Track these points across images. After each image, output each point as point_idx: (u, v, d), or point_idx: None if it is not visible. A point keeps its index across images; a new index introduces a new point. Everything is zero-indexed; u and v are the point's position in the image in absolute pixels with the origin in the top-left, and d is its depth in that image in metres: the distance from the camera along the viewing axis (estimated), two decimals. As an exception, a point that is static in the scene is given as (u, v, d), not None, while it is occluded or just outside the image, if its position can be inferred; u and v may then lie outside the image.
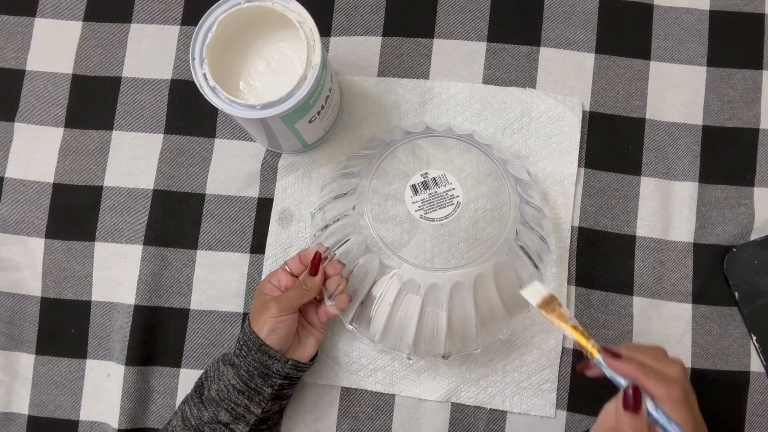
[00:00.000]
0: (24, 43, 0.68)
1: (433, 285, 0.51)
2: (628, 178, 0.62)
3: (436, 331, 0.53)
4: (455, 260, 0.52)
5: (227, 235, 0.63)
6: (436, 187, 0.53)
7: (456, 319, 0.52)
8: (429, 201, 0.53)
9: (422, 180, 0.53)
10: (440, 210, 0.53)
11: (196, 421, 0.53)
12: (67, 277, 0.64)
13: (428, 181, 0.53)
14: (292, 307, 0.53)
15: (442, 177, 0.53)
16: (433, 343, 0.54)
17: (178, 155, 0.65)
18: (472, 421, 0.59)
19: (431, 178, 0.53)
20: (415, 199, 0.53)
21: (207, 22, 0.52)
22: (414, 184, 0.53)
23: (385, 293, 0.52)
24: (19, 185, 0.65)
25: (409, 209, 0.53)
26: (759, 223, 0.61)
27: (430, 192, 0.53)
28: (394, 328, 0.54)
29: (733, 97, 0.63)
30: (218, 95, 0.51)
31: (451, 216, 0.52)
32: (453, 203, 0.53)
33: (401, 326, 0.53)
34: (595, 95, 0.64)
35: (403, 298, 0.52)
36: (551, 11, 0.65)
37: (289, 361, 0.53)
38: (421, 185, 0.53)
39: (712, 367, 0.59)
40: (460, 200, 0.53)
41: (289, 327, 0.53)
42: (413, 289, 0.52)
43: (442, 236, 0.52)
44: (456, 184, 0.53)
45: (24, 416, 0.63)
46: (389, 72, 0.65)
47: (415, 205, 0.53)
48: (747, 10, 0.64)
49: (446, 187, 0.53)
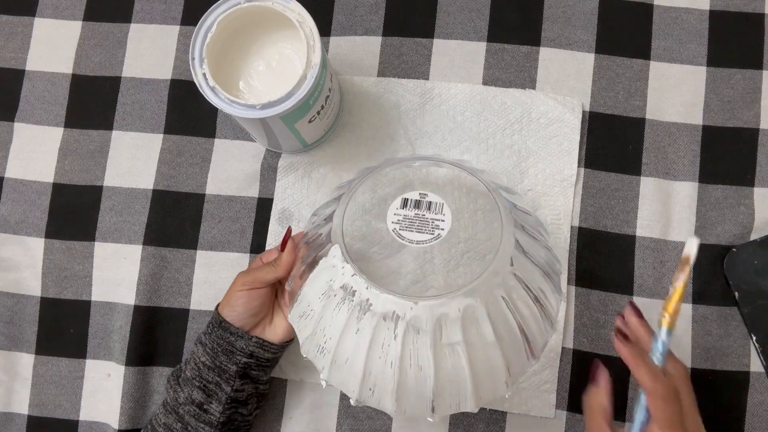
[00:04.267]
0: (24, 43, 0.68)
1: (414, 318, 0.41)
2: (628, 178, 0.62)
3: (422, 380, 0.43)
4: (432, 290, 0.47)
5: (227, 235, 0.63)
6: (427, 212, 0.47)
7: (445, 365, 0.43)
8: (412, 220, 0.47)
9: (417, 198, 0.47)
10: (418, 234, 0.46)
11: (173, 403, 0.53)
12: (67, 277, 0.64)
13: (422, 201, 0.47)
14: (255, 281, 0.52)
15: (439, 205, 0.47)
16: (419, 397, 0.44)
17: (177, 155, 0.65)
18: (472, 422, 0.59)
19: (427, 201, 0.47)
20: (399, 213, 0.47)
21: (207, 22, 0.52)
22: (407, 198, 0.47)
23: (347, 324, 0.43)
24: (19, 185, 0.65)
25: (388, 220, 0.46)
26: (759, 223, 0.61)
27: (417, 213, 0.47)
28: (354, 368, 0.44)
29: (733, 97, 0.63)
30: (218, 95, 0.51)
31: (426, 244, 0.46)
32: (434, 234, 0.46)
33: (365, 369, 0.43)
34: (595, 95, 0.64)
35: (368, 334, 0.42)
36: (551, 11, 0.65)
37: (253, 338, 0.52)
38: (414, 203, 0.47)
39: (712, 367, 0.59)
40: (443, 234, 0.46)
41: (249, 303, 0.52)
42: (385, 322, 0.42)
43: (421, 260, 0.48)
44: (448, 217, 0.47)
45: (24, 416, 0.63)
46: (389, 72, 0.65)
47: (396, 217, 0.47)
48: (747, 10, 0.64)
49: (437, 215, 0.47)
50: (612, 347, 0.59)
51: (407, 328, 0.41)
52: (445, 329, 0.42)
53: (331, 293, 0.44)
